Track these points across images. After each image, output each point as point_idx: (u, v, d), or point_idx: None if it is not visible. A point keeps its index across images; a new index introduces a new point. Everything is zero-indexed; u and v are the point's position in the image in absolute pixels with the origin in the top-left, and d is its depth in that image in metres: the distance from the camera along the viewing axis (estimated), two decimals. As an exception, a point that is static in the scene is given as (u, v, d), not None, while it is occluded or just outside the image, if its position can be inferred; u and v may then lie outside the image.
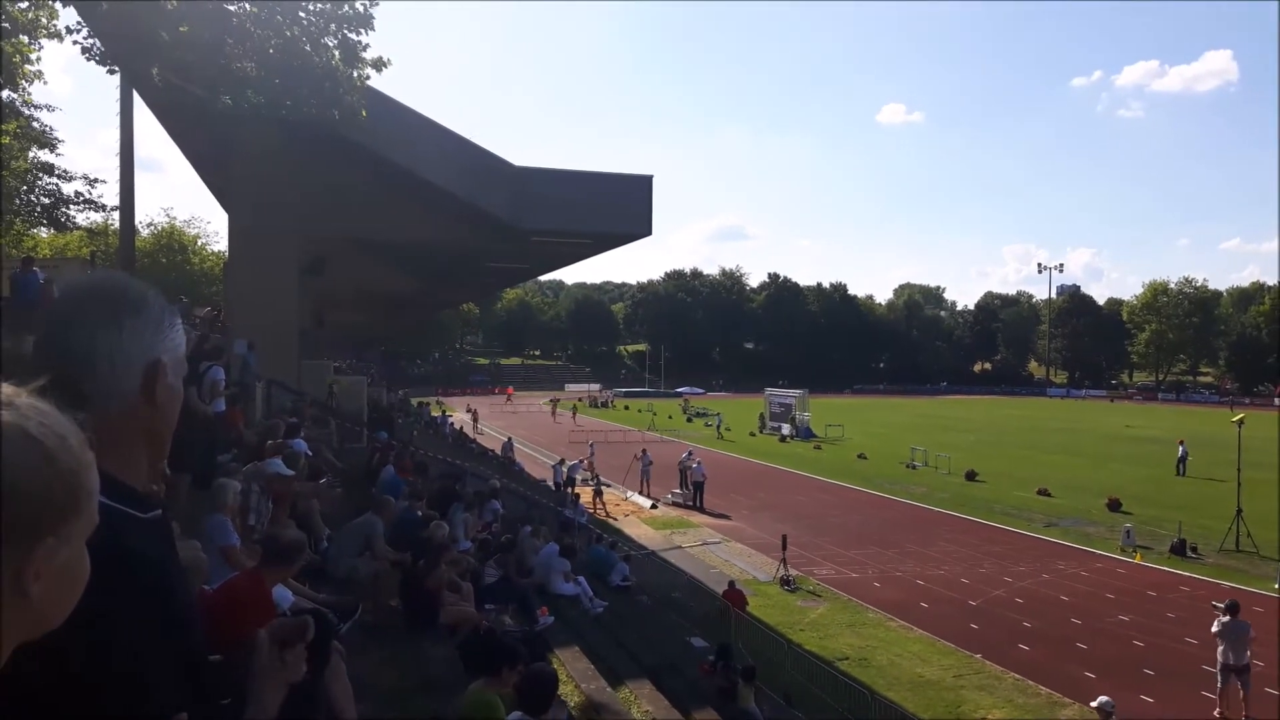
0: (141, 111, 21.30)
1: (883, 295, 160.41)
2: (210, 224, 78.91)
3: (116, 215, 27.85)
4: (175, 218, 64.79)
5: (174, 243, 62.06)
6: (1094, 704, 12.09)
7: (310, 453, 10.86)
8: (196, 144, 24.07)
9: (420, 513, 10.81)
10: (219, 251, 61.87)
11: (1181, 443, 41.09)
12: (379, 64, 16.30)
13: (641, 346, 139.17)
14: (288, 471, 8.72)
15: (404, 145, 20.88)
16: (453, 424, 47.07)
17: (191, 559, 5.51)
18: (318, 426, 15.79)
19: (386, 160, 20.88)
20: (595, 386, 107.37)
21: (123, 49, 14.90)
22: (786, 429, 55.98)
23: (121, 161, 22.66)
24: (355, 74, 16.19)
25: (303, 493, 9.42)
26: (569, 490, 30.17)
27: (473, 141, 22.59)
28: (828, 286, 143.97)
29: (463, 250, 28.51)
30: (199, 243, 65.49)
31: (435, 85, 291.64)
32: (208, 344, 13.33)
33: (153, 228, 62.39)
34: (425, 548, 8.78)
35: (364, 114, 16.57)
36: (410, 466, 15.02)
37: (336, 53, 15.61)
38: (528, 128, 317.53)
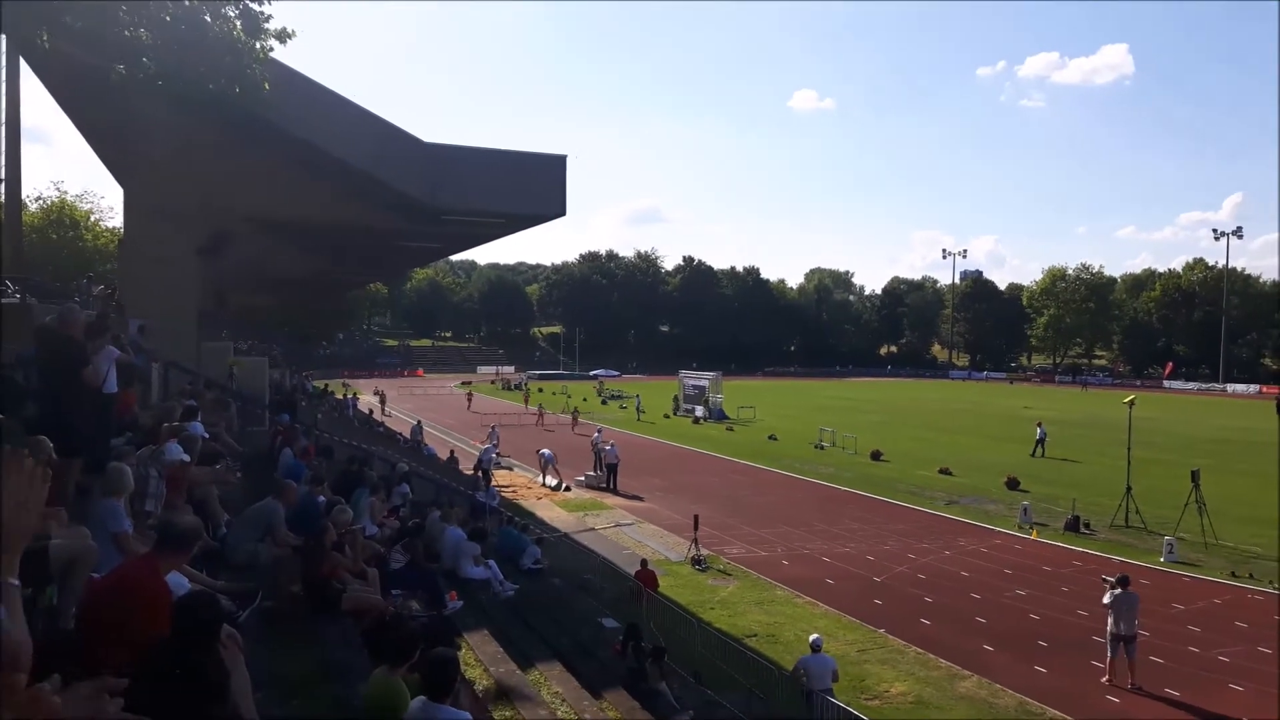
0: (28, 79, 20.30)
1: (794, 279, 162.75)
2: (104, 199, 75.83)
3: (1, 189, 26.48)
4: (66, 192, 62.22)
5: (65, 218, 59.45)
6: (810, 639, 13.45)
7: (208, 436, 10.53)
8: (89, 115, 22.97)
9: (323, 497, 10.60)
10: (114, 228, 59.50)
11: (1040, 424, 42.67)
12: (283, 35, 15.71)
13: (556, 328, 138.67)
14: (184, 456, 8.44)
15: (310, 120, 20.27)
16: (357, 405, 46.26)
17: (80, 547, 5.30)
18: (218, 409, 15.30)
19: (291, 136, 20.25)
20: (509, 369, 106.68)
21: (6, 10, 14.14)
22: (700, 411, 56.53)
23: (6, 132, 21.57)
24: (258, 45, 15.65)
25: (200, 477, 9.13)
26: (480, 474, 29.97)
27: (381, 117, 22.07)
28: (741, 270, 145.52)
29: (371, 229, 27.89)
30: (92, 218, 62.89)
31: (343, 60, 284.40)
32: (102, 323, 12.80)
33: (41, 202, 59.75)
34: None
35: (266, 87, 16.05)
36: (313, 450, 14.69)
37: (238, 22, 15.07)
38: (439, 107, 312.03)
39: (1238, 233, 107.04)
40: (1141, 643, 14.81)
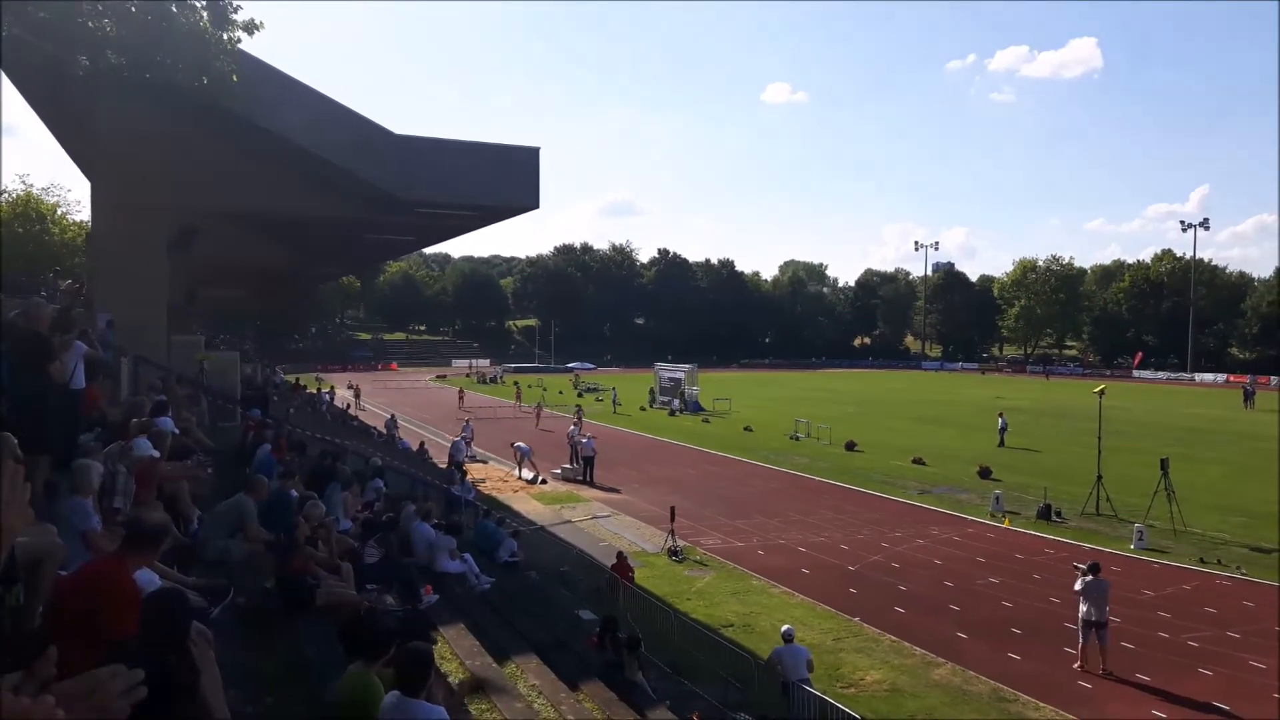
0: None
1: (769, 271, 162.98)
2: (71, 192, 75.17)
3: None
4: (32, 185, 61.26)
5: (31, 211, 58.61)
6: (783, 630, 13.66)
7: (178, 431, 10.42)
8: (54, 108, 22.65)
9: (296, 492, 10.51)
10: (81, 221, 58.74)
11: (1001, 414, 42.89)
12: (250, 27, 15.64)
13: (531, 321, 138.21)
14: (153, 451, 8.34)
15: (278, 112, 20.07)
16: (329, 400, 45.85)
17: (46, 545, 5.23)
18: (189, 404, 15.16)
19: (260, 128, 20.06)
20: (484, 362, 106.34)
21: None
22: (676, 403, 56.59)
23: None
24: (225, 37, 15.49)
25: (171, 473, 9.04)
26: (455, 468, 29.86)
27: (352, 109, 21.90)
28: (716, 263, 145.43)
29: (342, 222, 27.66)
30: (59, 212, 62.06)
31: (313, 52, 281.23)
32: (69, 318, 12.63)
33: (6, 195, 58.93)
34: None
35: (234, 79, 15.89)
36: (284, 445, 14.55)
37: (204, 14, 14.91)
38: (411, 101, 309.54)
39: (1204, 224, 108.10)
40: (1112, 629, 14.99)
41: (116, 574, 4.84)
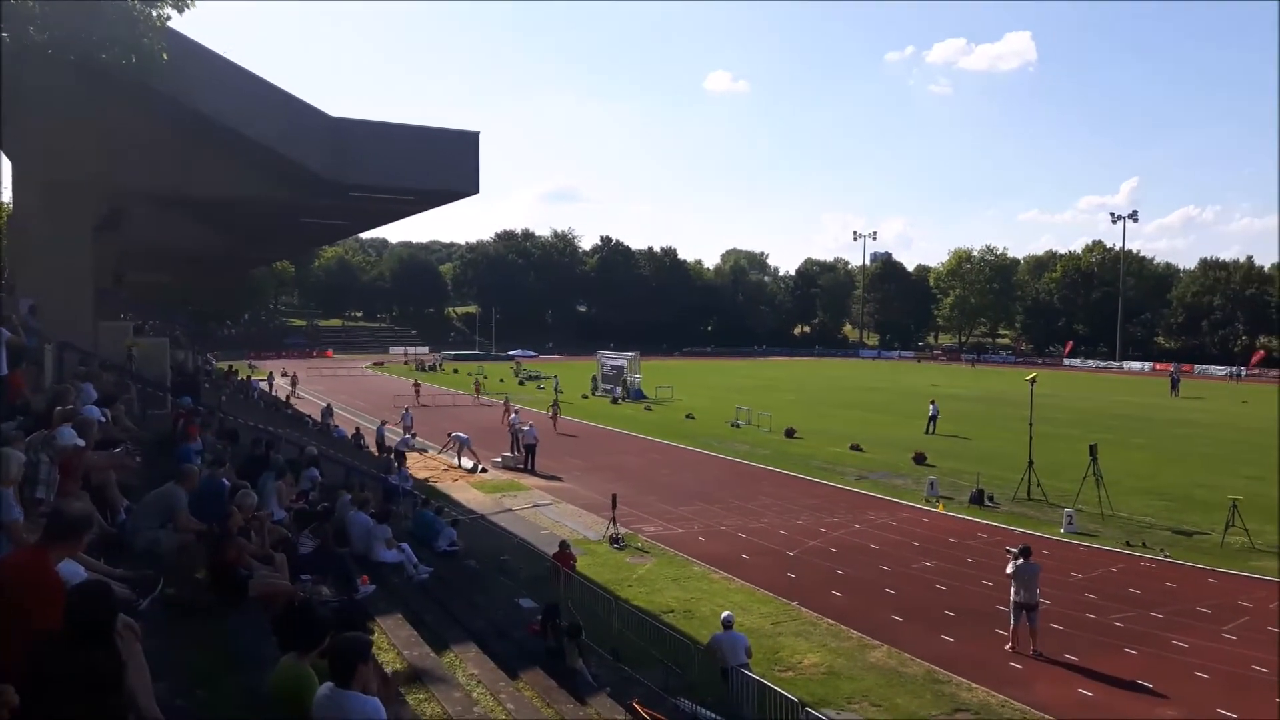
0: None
1: (711, 260, 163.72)
2: (-10, 172, 72.49)
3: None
4: (-54, 164, 58.96)
5: (-55, 192, 56.43)
6: (722, 616, 13.80)
7: (104, 419, 10.13)
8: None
9: (228, 481, 10.30)
10: (1, 202, 56.78)
11: (933, 402, 43.44)
12: (181, 4, 15.26)
13: (471, 308, 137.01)
14: (78, 440, 8.10)
15: (209, 92, 19.57)
16: (262, 387, 45.04)
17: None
18: (118, 392, 14.74)
19: (190, 108, 19.55)
20: (422, 349, 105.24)
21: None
22: (618, 391, 56.67)
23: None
24: (155, 14, 15.09)
25: (97, 463, 8.78)
26: (392, 456, 29.55)
27: (285, 90, 21.44)
28: (659, 250, 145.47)
29: (275, 205, 27.09)
30: (-24, 192, 59.85)
31: (245, 33, 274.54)
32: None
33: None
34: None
35: (164, 57, 15.48)
36: (193, 430, 14.20)
37: (132, -11, 14.49)
38: (348, 85, 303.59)
39: (1133, 216, 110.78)
40: (1042, 611, 15.35)
41: (38, 566, 4.70)
